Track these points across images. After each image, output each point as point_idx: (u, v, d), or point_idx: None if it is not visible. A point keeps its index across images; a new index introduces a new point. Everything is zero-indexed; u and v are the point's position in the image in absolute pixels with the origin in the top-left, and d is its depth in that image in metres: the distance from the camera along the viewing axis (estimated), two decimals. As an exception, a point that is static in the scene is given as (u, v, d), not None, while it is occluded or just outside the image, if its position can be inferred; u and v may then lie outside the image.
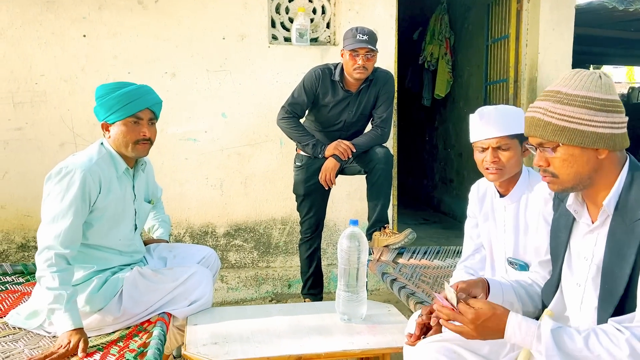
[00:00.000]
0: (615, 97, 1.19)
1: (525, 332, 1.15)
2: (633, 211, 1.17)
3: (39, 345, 1.84)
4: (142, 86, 2.01)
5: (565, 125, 1.19)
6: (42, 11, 3.20)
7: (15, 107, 3.23)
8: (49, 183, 1.88)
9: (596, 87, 1.18)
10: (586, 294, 1.29)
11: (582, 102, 1.17)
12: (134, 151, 1.98)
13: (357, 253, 1.91)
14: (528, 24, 4.05)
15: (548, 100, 1.21)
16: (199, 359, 1.65)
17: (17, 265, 2.51)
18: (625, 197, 1.20)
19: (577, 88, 1.19)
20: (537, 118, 1.22)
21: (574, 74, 1.21)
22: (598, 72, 1.21)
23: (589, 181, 1.24)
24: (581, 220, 1.31)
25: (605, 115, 1.17)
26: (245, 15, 3.42)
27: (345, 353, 1.74)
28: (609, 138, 1.18)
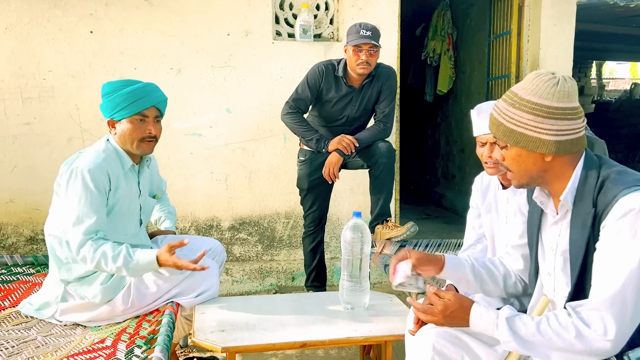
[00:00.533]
0: (568, 105, 1.22)
1: (486, 322, 1.27)
2: (587, 203, 1.24)
3: (51, 332, 1.90)
4: (149, 84, 2.03)
5: (514, 129, 1.25)
6: (49, 8, 3.25)
7: (23, 103, 3.28)
8: (63, 185, 1.91)
9: (549, 94, 1.22)
10: (557, 282, 1.36)
11: (531, 108, 1.23)
12: (140, 148, 2.01)
13: (360, 244, 1.95)
14: (530, 20, 4.08)
15: (505, 101, 1.28)
16: (207, 346, 1.70)
17: (27, 256, 2.56)
18: (581, 191, 1.26)
19: (531, 93, 1.23)
20: (494, 117, 1.30)
21: (534, 78, 1.25)
22: (558, 77, 1.23)
23: (541, 179, 1.31)
24: (547, 212, 1.38)
25: (552, 122, 1.22)
26: (249, 12, 3.46)
27: (348, 340, 1.79)
28: (552, 144, 1.23)
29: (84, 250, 1.84)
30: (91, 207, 1.87)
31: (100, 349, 1.71)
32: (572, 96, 1.23)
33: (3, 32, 3.22)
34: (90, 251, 1.84)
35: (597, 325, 1.15)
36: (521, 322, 1.23)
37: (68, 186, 1.90)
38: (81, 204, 1.86)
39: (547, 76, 1.24)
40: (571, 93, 1.23)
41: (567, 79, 1.24)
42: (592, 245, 1.23)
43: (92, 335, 1.87)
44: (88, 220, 1.86)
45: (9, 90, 3.26)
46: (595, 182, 1.24)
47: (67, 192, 1.89)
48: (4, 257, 2.54)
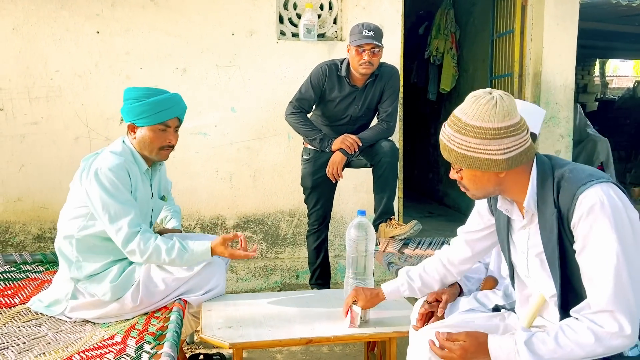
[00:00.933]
0: (510, 122, 1.26)
1: (507, 351, 1.26)
2: (549, 205, 1.30)
3: (61, 329, 1.93)
4: (174, 95, 2.07)
5: (464, 153, 1.29)
6: (56, 8, 3.28)
7: (31, 102, 3.32)
8: (89, 184, 1.93)
9: (490, 116, 1.25)
10: (539, 282, 1.41)
11: (477, 133, 1.26)
12: (158, 156, 2.07)
13: (364, 242, 1.98)
14: (533, 18, 4.09)
15: (451, 127, 1.32)
16: (215, 342, 1.73)
17: (36, 254, 2.60)
18: (541, 194, 1.32)
19: (473, 118, 1.27)
20: (443, 143, 1.34)
21: (472, 102, 1.29)
22: (496, 98, 1.27)
23: (498, 191, 1.37)
24: (514, 217, 1.43)
25: (499, 142, 1.26)
26: (254, 12, 3.49)
27: (353, 337, 1.82)
28: (504, 162, 1.28)
29: (133, 245, 1.90)
30: (127, 202, 1.93)
31: (111, 344, 1.74)
32: (512, 113, 1.26)
33: (10, 32, 3.26)
34: (140, 245, 1.90)
35: (611, 325, 1.18)
36: (539, 341, 1.24)
37: (95, 183, 1.92)
38: (116, 200, 1.91)
39: (485, 98, 1.27)
40: (510, 110, 1.26)
41: (504, 96, 1.27)
42: (568, 244, 1.28)
43: (101, 331, 1.90)
44: (128, 215, 1.91)
45: (16, 90, 3.30)
46: (552, 183, 1.30)
47: (97, 189, 1.92)
48: (12, 255, 2.58)
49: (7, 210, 3.36)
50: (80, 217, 1.99)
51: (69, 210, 2.03)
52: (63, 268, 2.03)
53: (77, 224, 1.99)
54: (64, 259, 2.02)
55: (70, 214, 2.02)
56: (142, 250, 1.91)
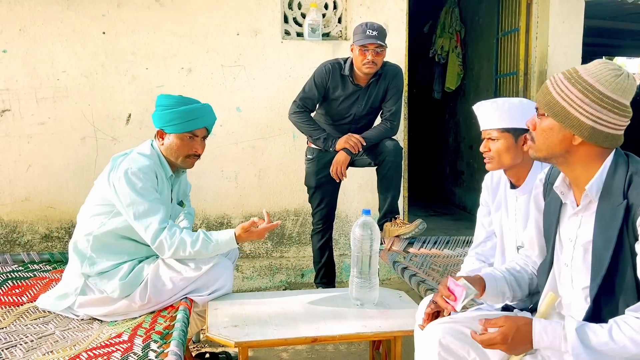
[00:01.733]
0: (621, 99, 1.23)
1: (552, 336, 1.20)
2: (616, 195, 1.24)
3: (68, 327, 1.95)
4: (205, 105, 2.12)
5: (558, 101, 1.26)
6: (62, 9, 3.31)
7: (38, 103, 3.34)
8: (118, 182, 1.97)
9: (608, 82, 1.22)
10: (575, 274, 1.36)
11: (584, 88, 1.23)
12: (183, 163, 2.12)
13: (369, 241, 1.99)
14: (538, 16, 4.08)
15: (564, 74, 1.28)
16: (221, 340, 1.74)
17: (44, 254, 2.63)
18: (610, 183, 1.26)
19: (591, 75, 1.24)
20: (546, 86, 1.30)
21: (601, 64, 1.26)
22: (624, 72, 1.24)
23: (562, 159, 1.31)
24: (567, 202, 1.38)
25: (597, 109, 1.23)
26: (258, 11, 3.50)
27: (358, 335, 1.83)
28: (587, 129, 1.24)
29: (161, 240, 1.95)
30: (156, 200, 1.98)
31: (118, 343, 1.76)
32: (627, 93, 1.24)
33: (17, 33, 3.28)
34: (167, 239, 1.95)
35: None
36: (591, 331, 1.19)
37: (122, 185, 1.96)
38: (146, 199, 1.96)
39: (613, 66, 1.25)
40: (627, 90, 1.24)
41: (631, 76, 1.25)
42: (627, 240, 1.23)
43: (109, 329, 1.92)
44: (157, 212, 1.96)
45: (23, 90, 3.32)
46: (625, 175, 1.24)
47: (124, 190, 1.96)
48: (20, 254, 2.60)
49: (14, 210, 3.39)
50: (102, 215, 2.03)
51: (90, 207, 2.06)
52: (75, 263, 2.05)
53: (99, 221, 2.02)
54: (77, 254, 2.04)
55: (92, 211, 2.05)
56: (170, 245, 1.96)
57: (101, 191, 2.04)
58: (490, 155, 1.82)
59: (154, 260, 2.08)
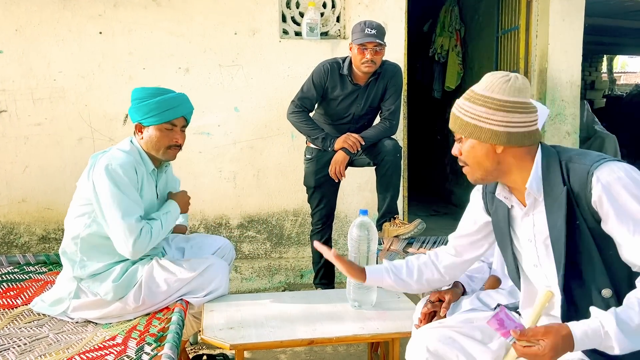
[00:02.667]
0: (519, 99, 1.28)
1: (594, 337, 1.16)
2: (557, 186, 1.28)
3: (62, 329, 1.93)
4: (180, 95, 2.10)
5: (468, 121, 1.32)
6: (59, 9, 3.29)
7: (34, 103, 3.32)
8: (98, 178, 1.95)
9: (501, 89, 1.28)
10: (546, 271, 1.37)
11: (483, 102, 1.29)
12: (165, 155, 2.08)
13: (367, 242, 1.97)
14: (538, 15, 4.06)
15: (464, 97, 1.35)
16: (216, 343, 1.72)
17: (39, 255, 2.61)
18: (547, 176, 1.31)
19: (484, 89, 1.31)
20: (453, 112, 1.37)
21: (489, 76, 1.33)
22: (511, 76, 1.30)
23: (496, 172, 1.35)
24: (514, 205, 1.40)
25: (503, 114, 1.28)
26: (256, 11, 3.47)
27: (356, 337, 1.81)
28: (503, 135, 1.28)
29: (142, 240, 1.93)
30: (134, 200, 1.96)
31: (111, 346, 1.74)
32: (523, 92, 1.29)
33: (13, 33, 3.26)
34: (147, 237, 1.95)
35: None
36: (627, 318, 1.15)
37: (103, 187, 1.93)
38: (125, 199, 1.93)
39: (501, 74, 1.31)
40: (522, 89, 1.29)
41: (519, 77, 1.31)
42: (583, 224, 1.25)
43: (103, 332, 1.90)
44: (135, 213, 1.94)
45: (20, 91, 3.30)
46: (559, 166, 1.29)
47: (105, 193, 1.93)
48: (16, 256, 2.58)
49: (11, 212, 3.37)
50: (86, 214, 2.00)
51: (74, 208, 2.04)
52: (66, 268, 2.04)
53: (82, 222, 2.00)
54: (67, 258, 2.02)
55: (76, 212, 2.03)
56: (147, 241, 1.96)
57: (82, 191, 2.02)
58: None
59: (148, 262, 2.06)
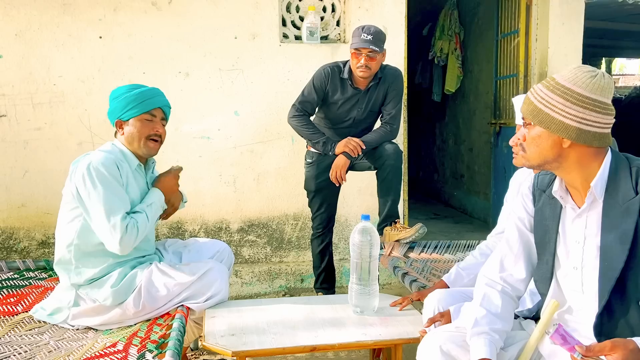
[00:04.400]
0: (599, 98, 1.25)
1: None
2: (625, 192, 1.26)
3: (63, 337, 1.92)
4: (155, 88, 2.13)
5: (541, 108, 1.29)
6: (59, 14, 3.28)
7: (34, 108, 3.31)
8: (81, 187, 1.93)
9: (585, 83, 1.25)
10: (585, 276, 1.34)
11: (563, 92, 1.26)
12: (146, 146, 2.07)
13: (368, 247, 1.96)
14: (538, 18, 4.06)
15: (543, 84, 1.32)
16: (217, 350, 1.71)
17: (39, 261, 2.59)
18: (614, 180, 1.28)
19: (568, 80, 1.27)
20: (528, 97, 1.34)
21: (575, 68, 1.29)
22: (599, 72, 1.27)
23: (556, 164, 1.32)
24: (568, 206, 1.37)
25: (580, 110, 1.25)
26: (256, 15, 3.47)
27: (358, 344, 1.80)
28: (574, 131, 1.26)
29: (128, 237, 1.92)
30: (118, 196, 1.95)
31: (112, 353, 1.72)
32: (605, 92, 1.26)
33: (13, 38, 3.26)
34: (133, 233, 1.93)
35: None
36: None
37: (86, 186, 1.92)
38: (109, 196, 1.92)
39: (588, 68, 1.28)
40: (605, 89, 1.26)
41: (606, 76, 1.27)
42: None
43: (103, 339, 1.89)
44: (120, 209, 1.93)
45: (19, 95, 3.30)
46: (629, 172, 1.26)
47: (89, 192, 1.92)
48: (16, 261, 2.57)
49: (11, 216, 3.36)
50: (75, 219, 1.99)
51: (63, 215, 2.03)
52: (63, 277, 2.03)
53: (73, 228, 1.98)
54: (62, 267, 2.01)
55: (65, 219, 2.02)
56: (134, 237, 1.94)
57: (67, 196, 2.01)
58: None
59: (147, 266, 2.05)
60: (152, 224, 2.06)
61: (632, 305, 1.25)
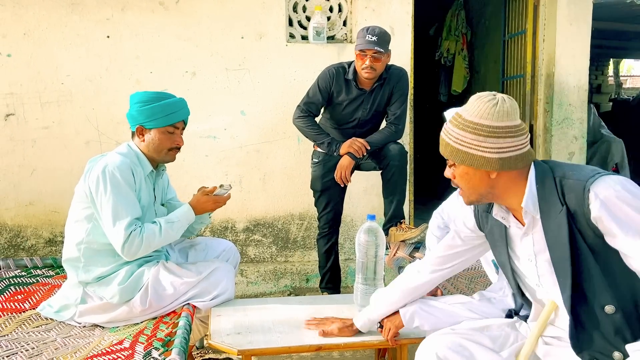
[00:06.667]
0: (508, 123, 1.27)
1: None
2: (554, 204, 1.27)
3: (70, 334, 1.93)
4: (181, 99, 2.14)
5: (459, 148, 1.31)
6: (67, 13, 3.30)
7: (42, 107, 3.34)
8: (93, 188, 1.95)
9: (489, 114, 1.27)
10: (549, 290, 1.37)
11: (473, 129, 1.28)
12: (166, 157, 2.12)
13: (374, 247, 1.96)
14: (545, 19, 4.04)
15: (451, 122, 1.33)
16: (223, 348, 1.72)
17: (47, 258, 2.60)
18: (542, 195, 1.30)
19: (473, 115, 1.29)
20: (442, 138, 1.36)
21: (475, 100, 1.31)
22: (497, 98, 1.28)
23: (491, 195, 1.35)
24: (512, 226, 1.39)
25: (494, 141, 1.27)
26: (263, 15, 3.48)
27: (364, 343, 1.80)
28: (496, 162, 1.28)
29: (130, 244, 1.92)
30: (128, 202, 1.95)
31: (119, 350, 1.73)
32: (511, 115, 1.28)
33: (22, 37, 3.28)
34: (136, 241, 1.93)
35: None
36: None
37: (98, 188, 1.94)
38: (118, 201, 1.93)
39: (487, 97, 1.29)
40: (510, 112, 1.28)
41: (506, 99, 1.29)
42: (582, 242, 1.25)
43: (110, 336, 1.90)
44: (127, 216, 1.93)
45: (27, 94, 3.32)
46: (554, 183, 1.28)
47: (100, 194, 1.94)
48: (23, 259, 2.58)
49: (19, 215, 3.38)
50: (86, 219, 2.00)
51: (74, 213, 2.05)
52: (70, 274, 2.04)
53: (83, 227, 2.00)
54: (70, 265, 2.02)
55: (76, 217, 2.03)
56: (140, 246, 1.94)
57: (80, 195, 2.03)
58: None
59: (155, 265, 2.06)
60: (168, 239, 2.05)
61: (599, 312, 1.26)
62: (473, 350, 1.42)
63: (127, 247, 1.92)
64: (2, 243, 3.40)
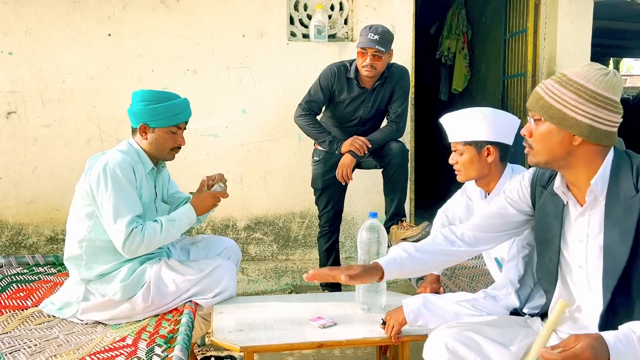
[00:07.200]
0: (612, 97, 1.25)
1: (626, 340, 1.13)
2: (626, 191, 1.25)
3: (72, 331, 1.94)
4: (185, 100, 2.16)
5: (553, 104, 1.28)
6: (68, 11, 3.30)
7: (43, 105, 3.34)
8: (94, 186, 1.96)
9: (597, 81, 1.25)
10: (590, 275, 1.34)
11: (576, 89, 1.25)
12: (168, 156, 2.13)
13: (376, 244, 1.96)
14: (546, 17, 4.04)
15: (553, 79, 1.31)
16: (226, 345, 1.72)
17: (48, 256, 2.61)
18: (615, 179, 1.27)
19: (580, 76, 1.26)
20: (537, 92, 1.32)
21: (588, 65, 1.29)
22: (611, 70, 1.27)
23: (563, 162, 1.31)
24: (570, 203, 1.37)
25: (592, 107, 1.24)
26: (264, 13, 3.48)
27: (365, 340, 1.80)
28: (585, 128, 1.25)
29: (130, 242, 1.93)
30: (129, 199, 1.96)
31: (122, 347, 1.74)
32: (617, 90, 1.26)
33: (23, 35, 3.28)
34: (137, 239, 1.94)
35: None
36: None
37: (99, 186, 1.95)
38: (119, 199, 1.94)
39: (599, 66, 1.28)
40: (617, 87, 1.26)
41: (617, 74, 1.27)
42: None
43: (112, 333, 1.90)
44: (128, 213, 1.94)
45: (29, 92, 3.32)
46: (630, 169, 1.26)
47: (101, 192, 1.95)
48: (25, 257, 2.59)
49: (20, 212, 3.39)
50: (87, 216, 2.01)
51: (76, 210, 2.05)
52: (72, 272, 2.05)
53: (85, 224, 2.00)
54: (72, 262, 2.03)
55: (77, 214, 2.04)
56: (140, 244, 1.96)
57: (81, 192, 2.03)
58: (458, 168, 1.91)
59: (156, 262, 2.07)
60: (169, 238, 2.06)
61: (637, 302, 1.25)
62: (482, 343, 1.41)
63: (128, 244, 1.93)
64: (4, 241, 3.40)
